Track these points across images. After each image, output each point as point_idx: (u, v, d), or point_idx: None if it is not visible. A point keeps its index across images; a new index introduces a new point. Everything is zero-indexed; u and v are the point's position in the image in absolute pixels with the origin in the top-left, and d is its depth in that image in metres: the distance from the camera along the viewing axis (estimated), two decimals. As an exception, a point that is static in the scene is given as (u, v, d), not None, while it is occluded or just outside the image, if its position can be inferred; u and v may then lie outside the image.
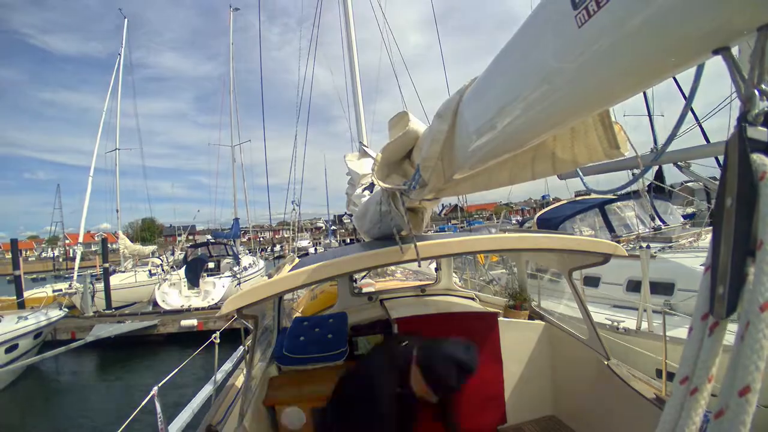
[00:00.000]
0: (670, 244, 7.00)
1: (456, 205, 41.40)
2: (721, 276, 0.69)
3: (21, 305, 13.92)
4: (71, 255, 33.10)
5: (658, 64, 0.76)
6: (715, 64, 0.76)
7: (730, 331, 0.70)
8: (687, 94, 0.86)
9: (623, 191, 7.32)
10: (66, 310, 13.67)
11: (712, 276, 0.70)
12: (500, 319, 3.73)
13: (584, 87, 0.88)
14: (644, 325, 5.27)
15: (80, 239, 19.25)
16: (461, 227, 29.68)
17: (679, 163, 6.38)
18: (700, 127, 7.06)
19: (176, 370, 2.85)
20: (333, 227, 48.48)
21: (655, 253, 6.40)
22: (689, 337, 0.75)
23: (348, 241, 33.78)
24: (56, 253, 55.11)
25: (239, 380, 3.60)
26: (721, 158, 7.39)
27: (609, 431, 3.03)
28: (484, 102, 1.25)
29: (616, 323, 5.50)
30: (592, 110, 1.04)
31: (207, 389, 6.52)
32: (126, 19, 26.78)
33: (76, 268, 18.12)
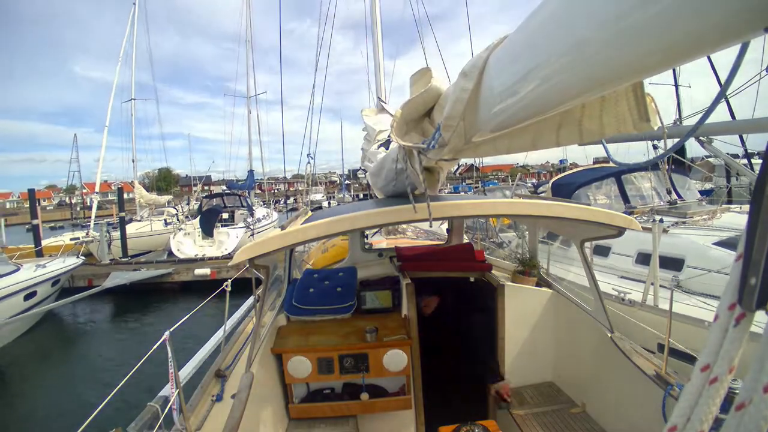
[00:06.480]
0: (684, 220, 6.88)
1: (471, 165, 41.15)
2: (755, 267, 0.65)
3: (39, 253, 14.28)
4: (88, 204, 33.68)
5: (706, 39, 0.67)
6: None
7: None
8: (731, 67, 0.79)
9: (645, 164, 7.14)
10: (83, 257, 14.03)
11: (744, 265, 0.67)
12: (507, 284, 3.73)
13: (620, 57, 0.81)
14: (650, 299, 5.26)
15: (96, 189, 19.51)
16: (476, 188, 29.45)
17: (701, 137, 6.17)
18: (727, 102, 6.80)
19: (188, 315, 2.90)
20: (347, 181, 48.52)
21: (668, 227, 6.32)
22: (714, 324, 0.73)
23: (362, 195, 33.76)
24: (74, 201, 55.88)
25: (249, 328, 3.68)
26: (746, 136, 7.13)
27: (606, 402, 3.07)
28: (514, 63, 1.18)
29: (622, 294, 5.50)
30: (627, 80, 0.98)
31: (217, 336, 6.69)
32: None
33: (93, 216, 18.49)
